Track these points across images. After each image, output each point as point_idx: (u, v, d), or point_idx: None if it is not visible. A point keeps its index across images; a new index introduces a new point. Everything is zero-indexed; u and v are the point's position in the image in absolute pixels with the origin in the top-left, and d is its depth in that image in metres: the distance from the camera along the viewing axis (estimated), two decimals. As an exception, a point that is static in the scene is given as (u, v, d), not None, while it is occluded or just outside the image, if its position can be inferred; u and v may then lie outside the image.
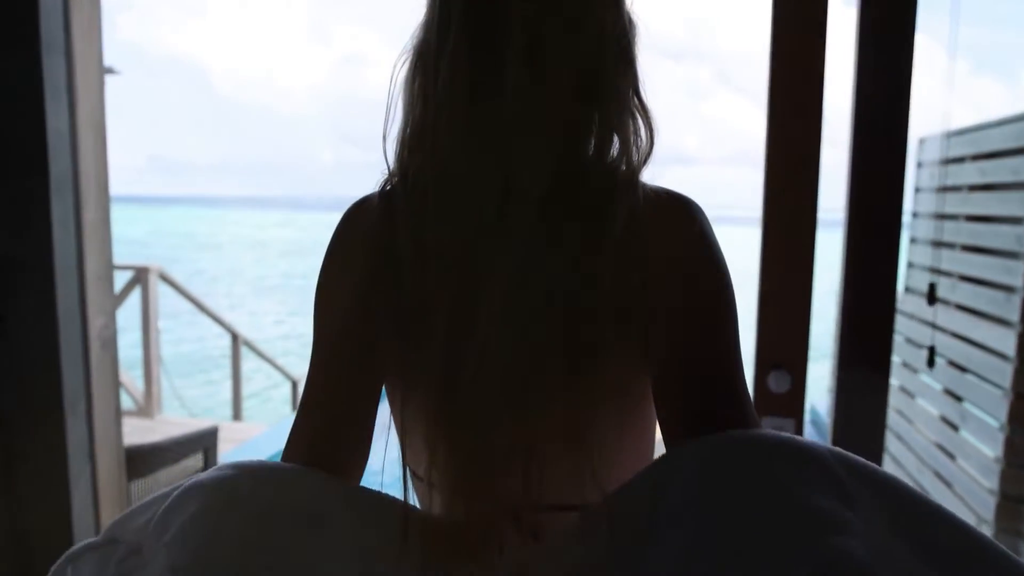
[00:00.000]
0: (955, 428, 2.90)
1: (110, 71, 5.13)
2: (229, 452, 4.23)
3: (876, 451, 1.58)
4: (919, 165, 2.84)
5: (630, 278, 0.60)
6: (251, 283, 24.78)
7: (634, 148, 0.63)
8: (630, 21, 0.64)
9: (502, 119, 0.59)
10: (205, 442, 2.62)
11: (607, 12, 0.62)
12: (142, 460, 2.29)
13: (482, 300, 0.59)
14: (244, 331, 5.61)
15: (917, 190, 2.81)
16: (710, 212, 0.64)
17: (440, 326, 0.60)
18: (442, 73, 0.60)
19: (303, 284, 25.03)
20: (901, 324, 2.79)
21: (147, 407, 4.81)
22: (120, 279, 4.79)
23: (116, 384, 2.02)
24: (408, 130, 0.64)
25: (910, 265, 2.80)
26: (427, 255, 0.60)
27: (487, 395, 0.59)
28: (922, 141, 2.90)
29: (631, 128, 0.63)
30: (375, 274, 0.64)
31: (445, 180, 0.60)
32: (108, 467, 1.99)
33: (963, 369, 2.65)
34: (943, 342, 2.44)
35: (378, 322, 0.64)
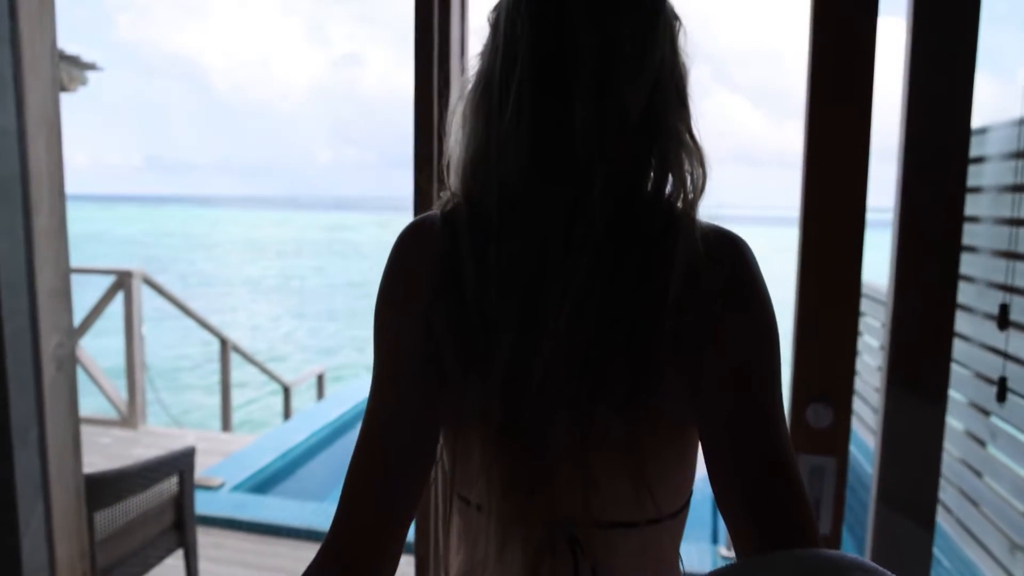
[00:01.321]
0: (982, 444, 2.77)
1: (93, 67, 4.93)
2: (215, 465, 4.04)
3: (929, 494, 1.39)
4: (979, 160, 2.46)
5: (684, 311, 0.62)
6: (248, 283, 24.57)
7: (689, 185, 0.65)
8: (684, 62, 0.67)
9: (569, 154, 0.61)
10: (181, 464, 2.42)
11: (665, 53, 0.64)
12: (108, 488, 2.09)
13: (546, 324, 0.61)
14: (242, 332, 5.41)
15: (977, 190, 2.44)
16: (709, 211, 0.66)
17: (504, 347, 0.61)
18: (510, 105, 0.62)
19: (301, 285, 24.87)
20: (958, 351, 2.51)
21: (130, 417, 4.61)
22: (102, 284, 4.59)
23: (74, 408, 1.83)
24: (470, 156, 0.66)
25: (967, 279, 2.46)
26: (490, 276, 0.62)
27: (547, 417, 0.61)
28: (984, 131, 2.47)
29: (685, 166, 0.65)
30: (437, 292, 0.65)
31: (510, 208, 0.63)
32: (64, 500, 1.80)
33: (991, 380, 2.46)
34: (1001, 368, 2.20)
35: (439, 340, 0.64)
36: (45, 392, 1.70)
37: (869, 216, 1.33)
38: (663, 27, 0.64)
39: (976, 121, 1.28)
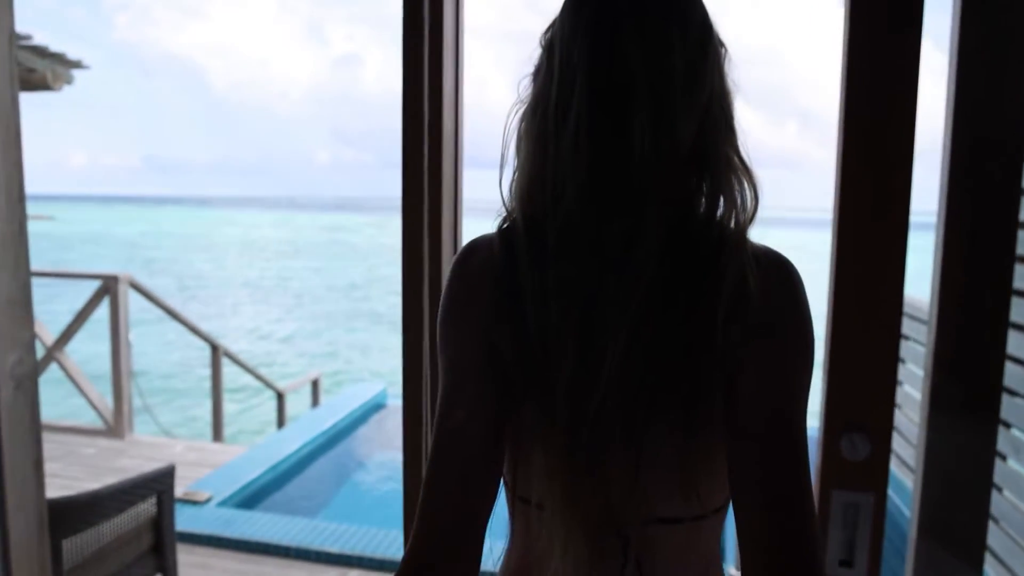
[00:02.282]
0: (1003, 458, 2.56)
1: (79, 65, 4.78)
2: (204, 478, 3.89)
3: (977, 531, 1.25)
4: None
5: (733, 329, 0.65)
6: (246, 286, 24.42)
7: (740, 207, 0.67)
8: (730, 88, 0.69)
9: (626, 182, 0.64)
10: (159, 485, 2.27)
11: (714, 82, 0.66)
12: (77, 514, 1.95)
13: (606, 342, 0.64)
14: (239, 334, 5.26)
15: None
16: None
17: (565, 370, 0.65)
18: (567, 131, 0.64)
19: (299, 287, 24.72)
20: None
21: (116, 426, 4.46)
22: (88, 289, 4.45)
23: (36, 431, 1.68)
24: (528, 178, 0.69)
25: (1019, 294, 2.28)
26: (548, 298, 0.65)
27: (606, 435, 0.65)
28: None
29: (736, 189, 0.67)
30: (497, 310, 0.68)
31: (566, 232, 0.65)
32: (24, 529, 1.65)
33: (1013, 392, 2.36)
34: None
35: (501, 356, 0.68)
36: (2, 413, 1.56)
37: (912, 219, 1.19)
38: (712, 56, 0.66)
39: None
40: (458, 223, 1.39)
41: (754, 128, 0.72)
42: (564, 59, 0.65)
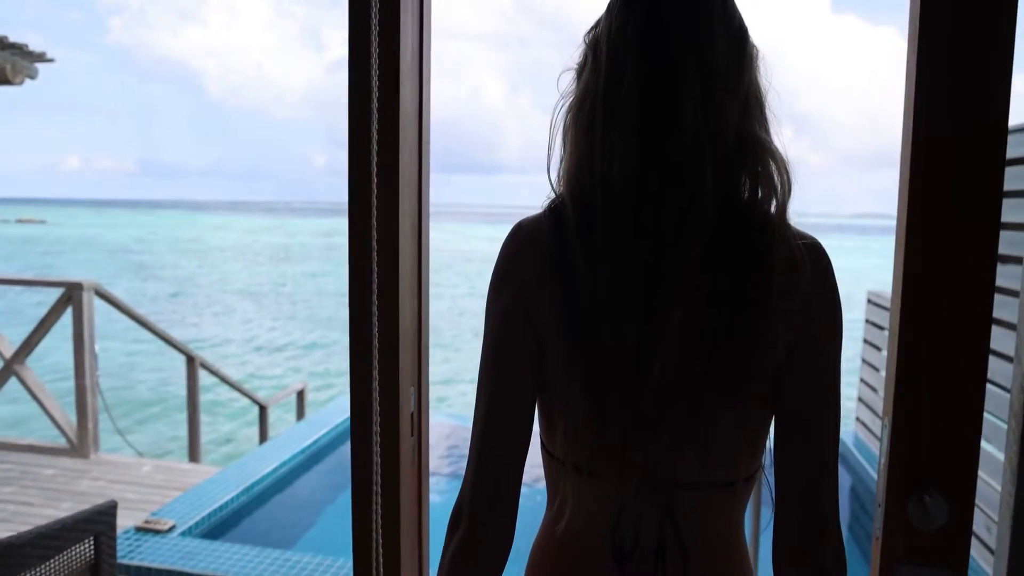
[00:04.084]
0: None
1: (43, 58, 4.51)
2: (169, 503, 3.60)
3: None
4: None
5: (778, 306, 0.71)
6: (238, 291, 24.10)
7: (779, 190, 0.73)
8: (765, 84, 0.76)
9: (678, 159, 0.70)
10: (96, 525, 1.99)
11: (754, 75, 0.75)
12: (-11, 566, 1.67)
13: (664, 312, 0.70)
14: (230, 340, 4.96)
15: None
16: None
17: (629, 332, 0.71)
18: (617, 117, 0.71)
19: (292, 291, 24.39)
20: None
21: (80, 445, 4.17)
22: (50, 297, 4.17)
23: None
24: (575, 162, 0.75)
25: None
26: (599, 267, 0.71)
27: (668, 396, 0.71)
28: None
29: (774, 173, 0.73)
30: (541, 277, 0.75)
31: (617, 206, 0.71)
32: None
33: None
34: None
35: (544, 319, 0.75)
36: None
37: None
38: (749, 53, 0.74)
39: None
40: (423, 231, 1.13)
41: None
42: (611, 55, 0.72)
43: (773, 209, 0.72)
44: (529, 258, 0.75)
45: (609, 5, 0.76)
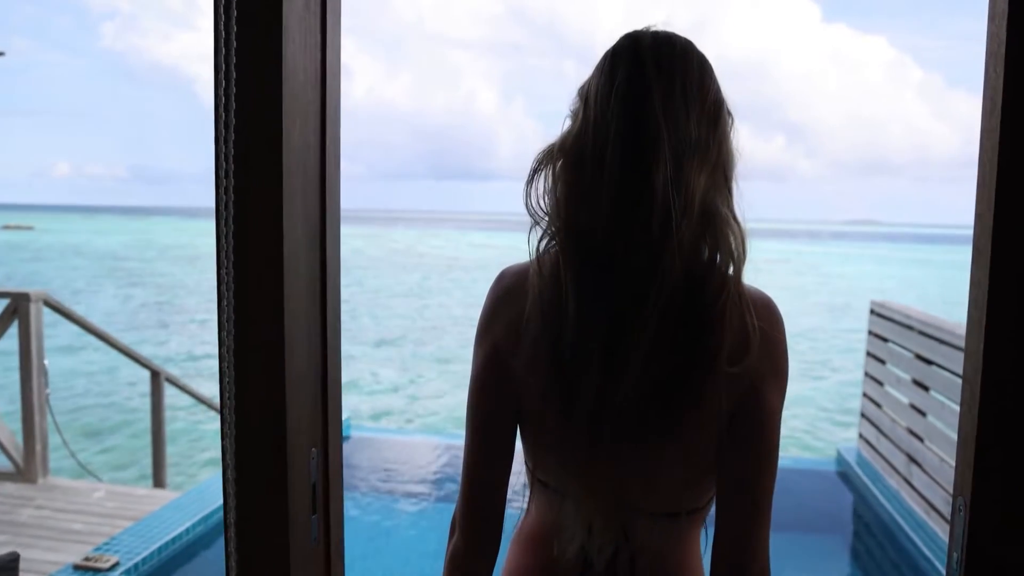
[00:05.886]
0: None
1: (-8, 54, 4.22)
2: (116, 536, 3.30)
3: None
4: None
5: (727, 369, 0.78)
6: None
7: (735, 257, 0.80)
8: (734, 152, 0.84)
9: (647, 225, 0.77)
10: (-8, 583, 1.70)
11: (724, 144, 0.82)
12: None
13: (627, 359, 0.78)
14: (213, 346, 4.62)
15: None
16: None
17: (589, 386, 0.79)
18: (601, 176, 0.78)
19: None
20: None
21: (27, 470, 3.86)
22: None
23: None
24: (566, 204, 0.82)
25: None
26: (573, 321, 0.79)
27: (623, 436, 0.80)
28: None
29: (732, 242, 0.80)
30: (521, 322, 0.83)
31: (595, 262, 0.80)
32: None
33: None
34: None
35: (524, 359, 0.84)
36: None
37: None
38: (721, 126, 0.81)
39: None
40: (327, 241, 0.85)
41: (741, 140, 0.83)
42: (600, 111, 0.79)
43: (731, 270, 0.79)
44: (510, 307, 0.85)
45: (599, 64, 0.82)
